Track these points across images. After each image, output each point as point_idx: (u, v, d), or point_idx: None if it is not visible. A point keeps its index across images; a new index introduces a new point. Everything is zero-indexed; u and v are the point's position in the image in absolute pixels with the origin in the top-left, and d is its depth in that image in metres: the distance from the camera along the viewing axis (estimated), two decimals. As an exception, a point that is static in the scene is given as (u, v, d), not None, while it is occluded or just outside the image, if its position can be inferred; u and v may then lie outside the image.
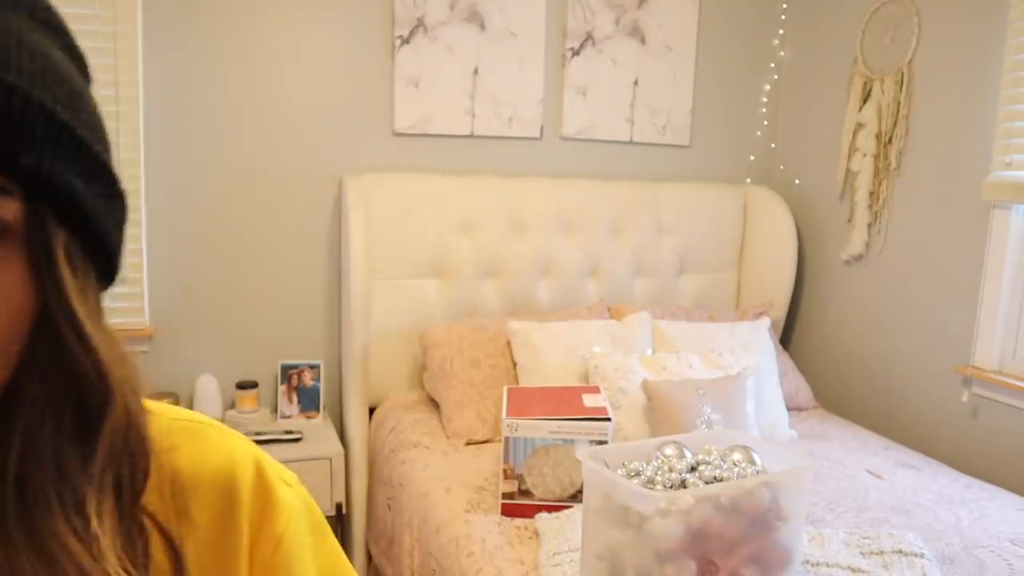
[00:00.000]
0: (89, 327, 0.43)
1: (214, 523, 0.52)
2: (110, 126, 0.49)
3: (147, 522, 0.46)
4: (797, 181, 2.97)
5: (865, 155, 2.61)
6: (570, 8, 2.67)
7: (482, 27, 2.57)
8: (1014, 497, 1.96)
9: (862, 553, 1.59)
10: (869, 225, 2.64)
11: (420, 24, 2.49)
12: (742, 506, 1.32)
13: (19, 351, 0.41)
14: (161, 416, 0.51)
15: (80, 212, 0.44)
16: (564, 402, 1.81)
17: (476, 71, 2.59)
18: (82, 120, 0.44)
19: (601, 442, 1.71)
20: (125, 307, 2.29)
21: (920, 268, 2.48)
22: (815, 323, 2.92)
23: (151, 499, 0.47)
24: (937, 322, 2.42)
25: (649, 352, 2.34)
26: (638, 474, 1.35)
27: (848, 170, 2.71)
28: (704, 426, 1.97)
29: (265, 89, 2.39)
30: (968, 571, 1.56)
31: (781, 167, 3.05)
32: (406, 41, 2.49)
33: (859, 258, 2.70)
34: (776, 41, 3.02)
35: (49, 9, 0.45)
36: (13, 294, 0.41)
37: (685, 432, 1.79)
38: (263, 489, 0.56)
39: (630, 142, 2.85)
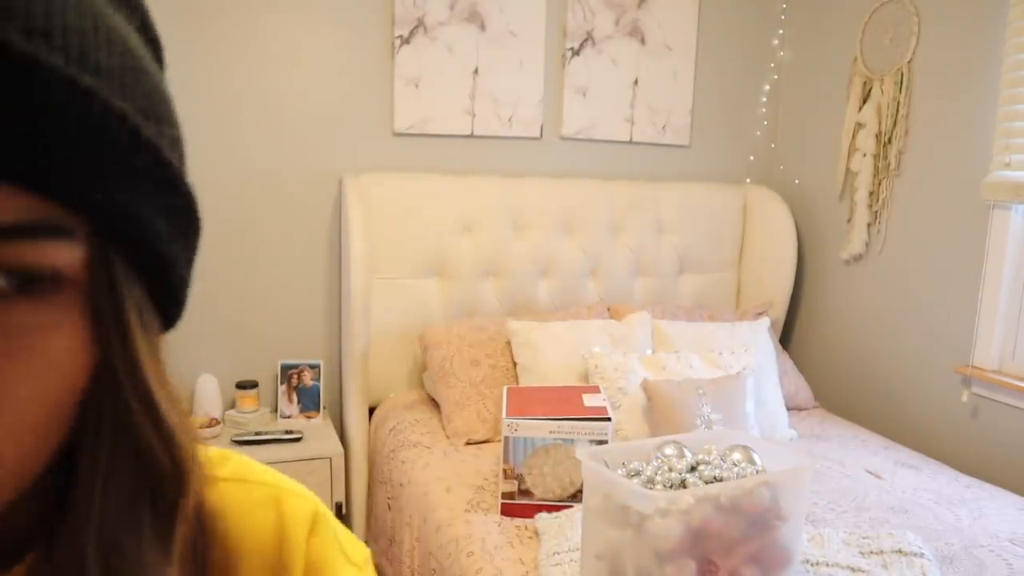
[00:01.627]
0: (164, 408, 0.35)
1: None
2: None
3: None
4: (797, 181, 2.97)
5: (865, 155, 2.61)
6: (570, 8, 2.67)
7: (482, 27, 2.57)
8: (1014, 497, 1.97)
9: (862, 553, 1.59)
10: (869, 225, 2.64)
11: (420, 24, 2.49)
12: (742, 506, 1.32)
13: (69, 427, 0.33)
14: (214, 474, 0.45)
15: (160, 259, 0.34)
16: (564, 402, 1.81)
17: (476, 71, 2.59)
18: (164, 134, 0.33)
19: (601, 442, 1.71)
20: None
21: (920, 268, 2.48)
22: (815, 323, 2.92)
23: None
24: (937, 322, 2.42)
25: (649, 352, 2.34)
26: (638, 474, 1.35)
27: (848, 170, 2.71)
28: (704, 426, 1.97)
29: (265, 89, 2.39)
30: (967, 571, 1.56)
31: (781, 167, 3.05)
32: (406, 41, 2.49)
33: (859, 258, 2.70)
34: (776, 41, 3.02)
35: None
36: (63, 363, 0.32)
37: (685, 432, 1.79)
38: (318, 556, 0.47)
39: (630, 142, 2.85)
